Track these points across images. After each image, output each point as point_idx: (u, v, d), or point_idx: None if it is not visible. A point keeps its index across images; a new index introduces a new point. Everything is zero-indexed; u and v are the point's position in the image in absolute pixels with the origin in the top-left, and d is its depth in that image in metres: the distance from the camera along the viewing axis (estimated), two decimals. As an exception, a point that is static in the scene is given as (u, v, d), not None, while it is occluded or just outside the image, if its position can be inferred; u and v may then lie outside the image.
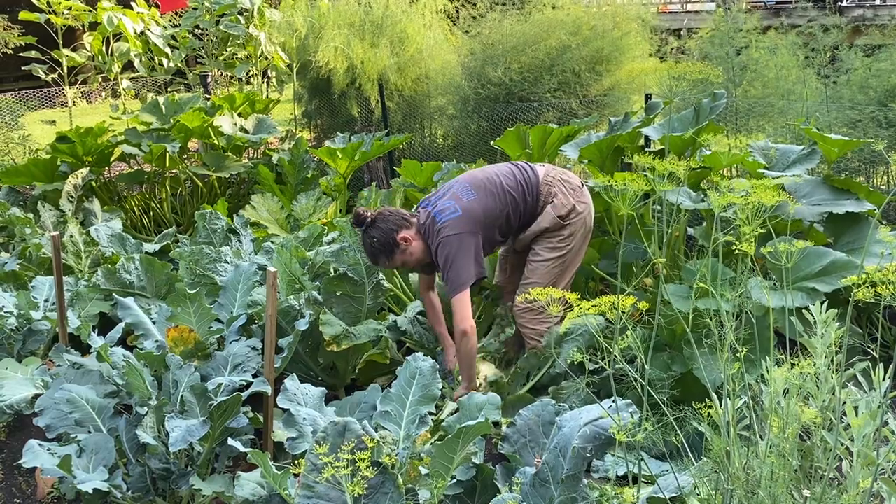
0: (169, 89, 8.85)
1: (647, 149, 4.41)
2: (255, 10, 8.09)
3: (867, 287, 1.48)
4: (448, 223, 3.23)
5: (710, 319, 1.84)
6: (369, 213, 3.37)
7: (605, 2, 7.18)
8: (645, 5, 7.99)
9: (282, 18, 7.70)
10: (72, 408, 2.87)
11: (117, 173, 6.82)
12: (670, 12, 10.92)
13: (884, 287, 1.49)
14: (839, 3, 9.87)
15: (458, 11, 7.53)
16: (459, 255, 3.19)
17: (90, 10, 8.10)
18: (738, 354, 1.77)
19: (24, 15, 8.00)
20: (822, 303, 1.82)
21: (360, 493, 1.62)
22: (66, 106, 8.47)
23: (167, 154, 6.25)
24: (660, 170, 1.84)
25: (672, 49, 7.27)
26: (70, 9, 8.04)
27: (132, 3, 8.31)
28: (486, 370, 3.43)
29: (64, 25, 8.00)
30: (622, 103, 6.35)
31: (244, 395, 2.79)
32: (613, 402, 1.90)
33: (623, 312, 1.65)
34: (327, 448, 1.87)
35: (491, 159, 5.64)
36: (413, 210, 3.61)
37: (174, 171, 6.55)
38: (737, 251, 1.65)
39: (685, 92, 5.44)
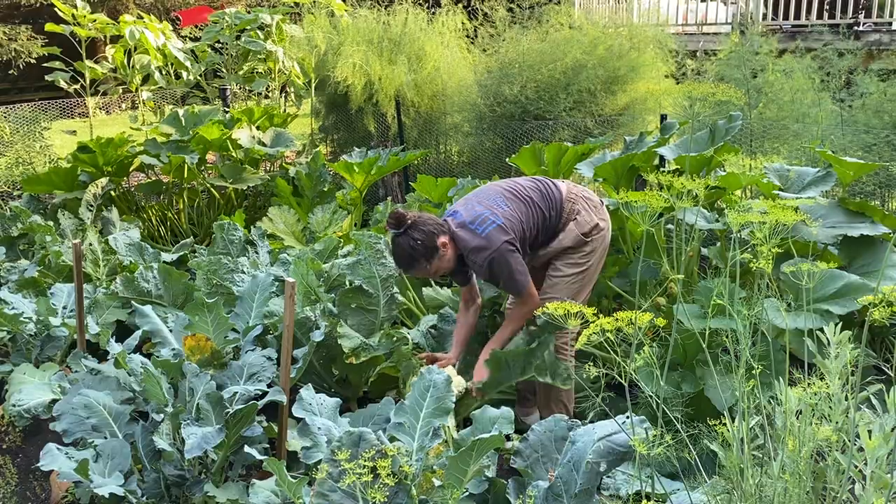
0: (187, 102, 8.97)
1: (662, 168, 4.44)
2: (274, 25, 8.21)
3: (883, 307, 1.49)
4: (491, 233, 3.17)
5: (726, 338, 1.85)
6: (409, 215, 3.23)
7: (622, 22, 7.24)
8: (661, 27, 8.05)
9: (302, 35, 7.81)
10: (89, 413, 2.90)
11: (136, 183, 6.91)
12: (686, 34, 10.97)
13: (900, 308, 1.50)
14: (855, 28, 9.90)
15: (476, 30, 7.61)
16: (514, 262, 3.18)
17: (113, 24, 8.25)
18: (752, 372, 1.79)
19: (49, 27, 8.15)
20: (835, 325, 1.83)
21: (381, 500, 1.64)
22: (86, 116, 8.59)
23: (186, 165, 6.34)
24: (677, 187, 1.87)
25: (689, 70, 7.31)
26: (94, 21, 8.18)
27: (142, 19, 8.46)
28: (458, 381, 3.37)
29: (87, 37, 8.15)
30: (637, 123, 6.39)
31: (260, 404, 2.81)
32: (628, 417, 1.91)
33: (639, 328, 1.67)
34: (347, 455, 1.89)
35: (505, 176, 5.68)
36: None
37: (192, 182, 6.62)
38: (754, 269, 1.67)
39: (700, 114, 5.47)
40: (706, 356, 1.93)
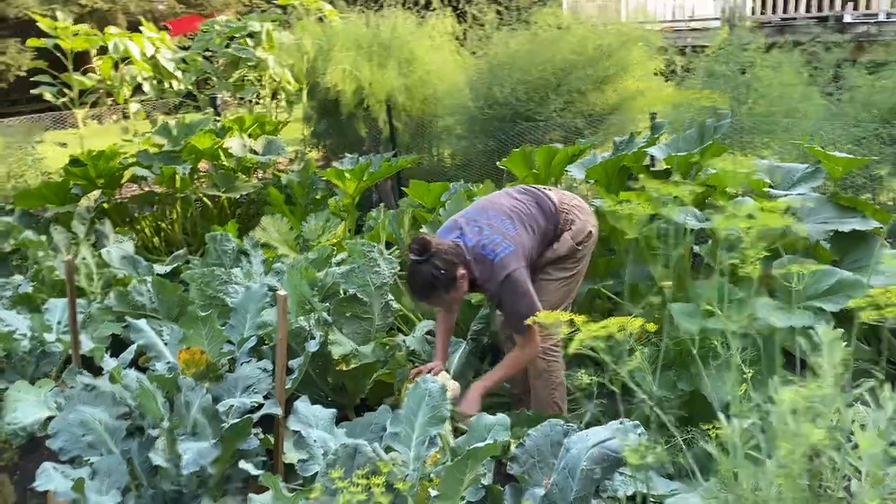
0: (179, 111, 8.96)
1: (652, 167, 4.44)
2: (263, 33, 8.21)
3: (872, 309, 1.49)
4: (506, 259, 3.13)
5: (718, 339, 1.86)
6: (433, 242, 3.10)
7: (610, 20, 7.25)
8: (649, 23, 8.06)
9: (292, 41, 7.81)
10: (85, 430, 2.89)
11: (129, 195, 6.90)
12: (675, 30, 10.99)
13: (889, 310, 1.50)
14: (843, 20, 9.91)
15: (465, 33, 7.62)
16: (528, 287, 3.14)
17: (98, 35, 8.24)
18: (745, 374, 1.79)
19: (31, 42, 8.14)
20: (829, 322, 1.83)
21: (377, 517, 1.64)
22: (77, 128, 8.58)
23: (178, 175, 6.33)
24: (665, 192, 1.87)
25: (678, 67, 7.32)
26: (77, 33, 8.16)
27: (140, 28, 8.45)
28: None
29: (72, 50, 8.13)
30: (627, 122, 6.40)
31: (255, 416, 2.81)
32: (621, 423, 1.92)
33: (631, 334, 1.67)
34: (341, 473, 1.89)
35: (498, 179, 5.69)
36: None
37: (185, 192, 6.61)
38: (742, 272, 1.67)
39: (689, 112, 5.48)
40: (699, 356, 1.93)
